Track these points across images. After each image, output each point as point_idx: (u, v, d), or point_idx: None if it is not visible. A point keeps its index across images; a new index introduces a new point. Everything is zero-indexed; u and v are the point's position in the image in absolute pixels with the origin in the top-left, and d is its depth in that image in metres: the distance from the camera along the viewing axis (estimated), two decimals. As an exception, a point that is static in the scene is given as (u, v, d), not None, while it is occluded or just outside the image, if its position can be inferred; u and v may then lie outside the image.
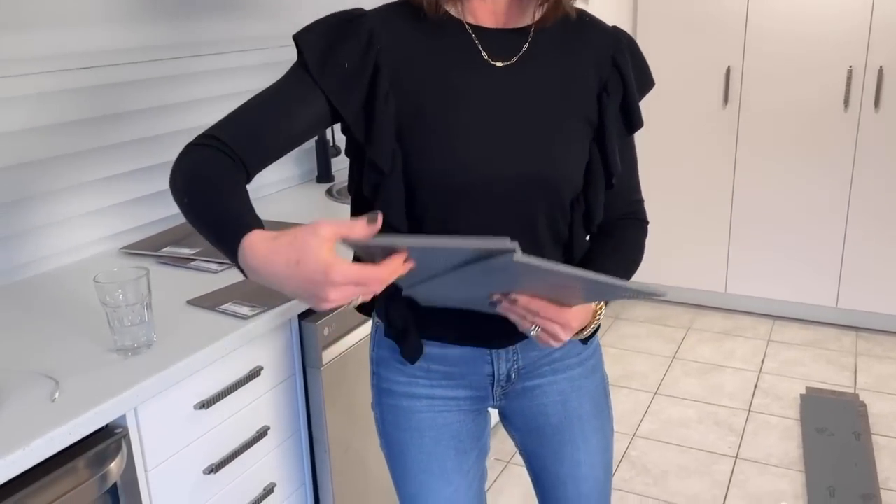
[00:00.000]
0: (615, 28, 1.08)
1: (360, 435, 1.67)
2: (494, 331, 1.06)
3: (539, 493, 1.24)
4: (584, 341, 1.12)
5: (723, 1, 3.16)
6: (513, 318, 0.93)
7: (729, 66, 3.21)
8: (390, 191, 0.99)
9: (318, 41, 0.97)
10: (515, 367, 1.11)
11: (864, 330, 3.29)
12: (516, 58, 1.00)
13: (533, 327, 0.93)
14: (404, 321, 1.07)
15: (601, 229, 1.12)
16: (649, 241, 1.18)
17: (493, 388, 1.13)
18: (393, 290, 1.04)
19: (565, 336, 0.94)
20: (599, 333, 1.16)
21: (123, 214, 1.82)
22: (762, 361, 3.06)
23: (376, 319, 1.16)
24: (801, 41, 3.08)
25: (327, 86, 0.96)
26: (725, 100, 3.25)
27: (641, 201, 1.17)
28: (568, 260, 1.09)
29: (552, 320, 0.92)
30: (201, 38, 1.97)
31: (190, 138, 0.98)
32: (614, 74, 1.04)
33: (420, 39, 0.99)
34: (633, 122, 1.08)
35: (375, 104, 0.96)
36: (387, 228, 0.99)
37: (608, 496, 1.22)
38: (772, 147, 3.23)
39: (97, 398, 1.10)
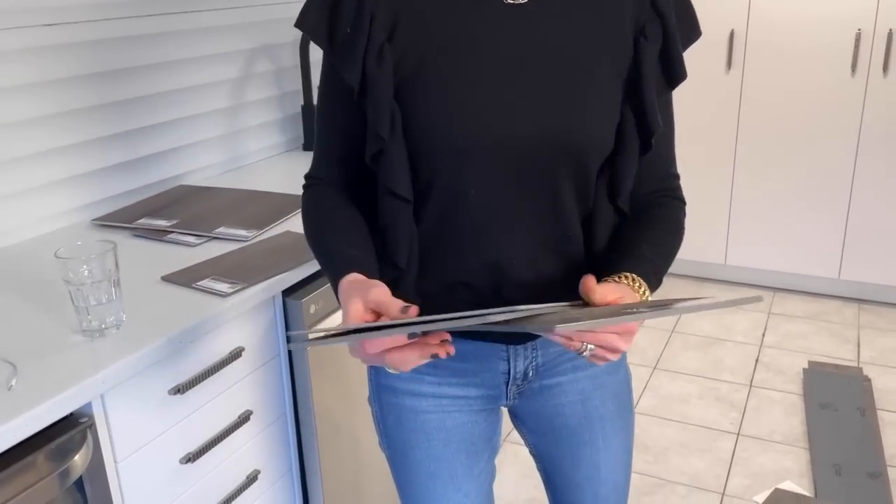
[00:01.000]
0: None
1: (350, 416, 1.58)
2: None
3: (551, 496, 1.13)
4: None
5: (727, -40, 3.04)
6: (556, 339, 0.77)
7: (733, 30, 3.09)
8: (392, 158, 0.88)
9: (320, 21, 0.89)
10: (534, 364, 1.00)
11: (867, 302, 3.22)
12: None
13: (583, 346, 0.77)
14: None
15: (630, 209, 0.97)
16: None
17: (507, 386, 1.02)
18: (398, 275, 0.94)
19: (625, 345, 0.78)
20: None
21: (96, 183, 1.71)
22: (763, 335, 2.99)
23: None
24: (807, 4, 2.96)
25: (337, 59, 0.89)
26: (729, 65, 3.14)
27: (677, 177, 1.01)
28: (588, 241, 0.94)
29: (607, 330, 0.77)
30: (177, -5, 1.84)
31: (169, 101, 0.90)
32: (653, 17, 0.89)
33: None
34: (674, 74, 0.91)
35: (366, 60, 0.86)
36: (392, 199, 0.90)
37: (625, 501, 1.12)
38: (776, 115, 3.13)
39: (59, 385, 1.00)
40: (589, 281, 0.81)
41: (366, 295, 0.78)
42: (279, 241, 1.50)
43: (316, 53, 2.32)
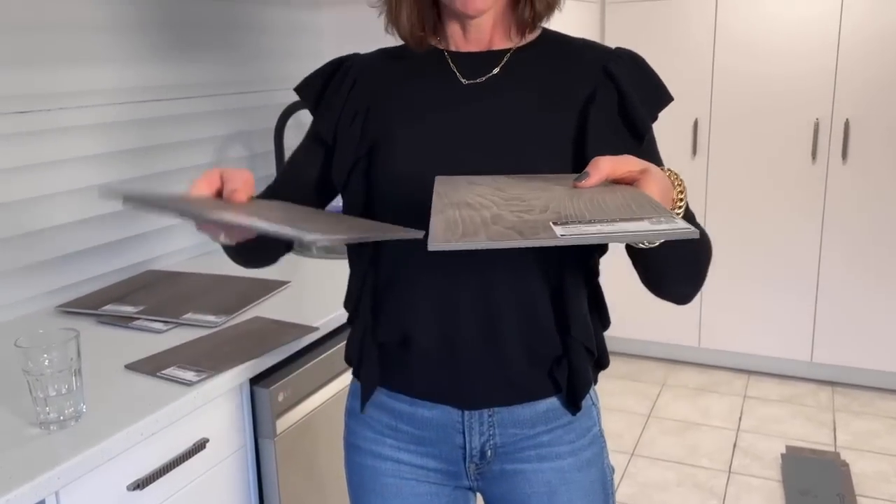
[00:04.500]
0: (618, 48, 0.99)
1: (318, 511, 1.52)
2: (467, 387, 0.97)
3: None
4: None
5: (689, 53, 3.16)
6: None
7: (696, 118, 3.19)
8: (350, 206, 1.00)
9: (313, 88, 1.06)
10: (491, 443, 0.99)
11: (840, 385, 3.23)
12: (485, 77, 0.97)
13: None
14: (360, 354, 1.01)
15: None
16: (620, 294, 1.05)
17: (465, 463, 1.01)
18: (353, 318, 1.02)
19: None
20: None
21: (61, 269, 1.68)
22: (739, 419, 2.97)
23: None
24: (767, 93, 3.08)
25: (318, 119, 1.04)
26: (694, 151, 3.23)
27: None
28: (561, 318, 0.96)
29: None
30: (171, 82, 1.86)
31: (142, 186, 0.91)
32: (605, 81, 0.94)
33: (399, 69, 1.02)
34: (635, 126, 0.94)
35: (340, 122, 1.01)
36: (349, 250, 1.03)
37: None
38: (741, 199, 3.20)
39: (10, 482, 0.95)
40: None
41: (225, 168, 0.88)
42: (249, 326, 1.47)
43: (290, 140, 2.34)
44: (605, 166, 0.77)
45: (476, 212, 0.71)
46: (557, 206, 0.72)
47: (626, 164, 0.77)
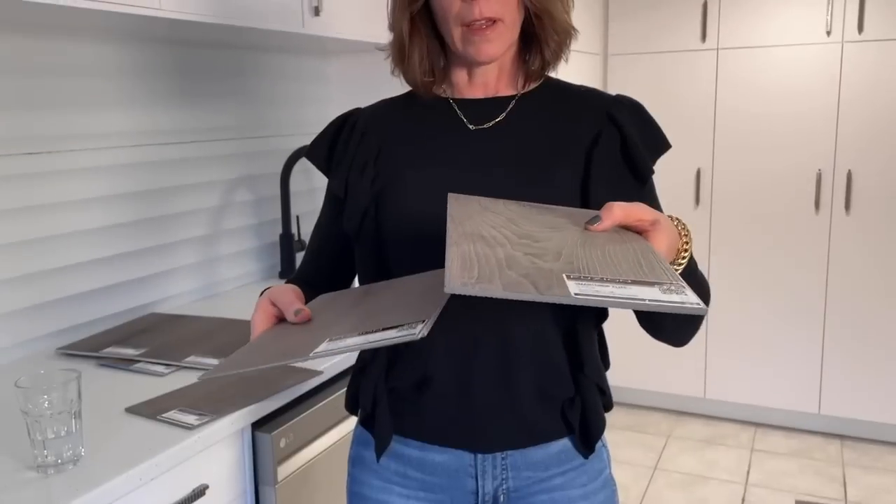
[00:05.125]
0: (619, 95, 1.02)
1: (318, 562, 1.47)
2: (479, 430, 0.95)
3: None
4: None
5: (691, 105, 3.20)
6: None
7: (699, 168, 3.21)
8: (363, 253, 1.01)
9: (321, 150, 1.08)
10: (504, 486, 0.97)
11: (849, 438, 3.17)
12: (492, 123, 0.99)
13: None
14: (374, 402, 0.99)
15: None
16: (624, 345, 1.05)
17: None
18: (365, 365, 1.01)
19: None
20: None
21: (62, 311, 1.66)
22: (748, 472, 2.91)
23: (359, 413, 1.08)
24: (769, 144, 3.11)
25: (331, 178, 1.06)
26: (697, 201, 3.24)
27: None
28: (575, 361, 0.96)
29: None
30: (178, 126, 1.88)
31: (146, 229, 0.93)
32: (609, 126, 0.97)
33: (406, 116, 1.03)
34: (637, 168, 0.96)
35: (350, 174, 1.02)
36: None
37: None
38: (745, 249, 3.20)
39: (4, 527, 0.92)
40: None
41: (272, 292, 0.90)
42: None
43: (296, 185, 2.35)
44: (618, 213, 0.77)
45: (490, 249, 0.71)
46: (570, 253, 0.72)
47: (637, 212, 0.78)
